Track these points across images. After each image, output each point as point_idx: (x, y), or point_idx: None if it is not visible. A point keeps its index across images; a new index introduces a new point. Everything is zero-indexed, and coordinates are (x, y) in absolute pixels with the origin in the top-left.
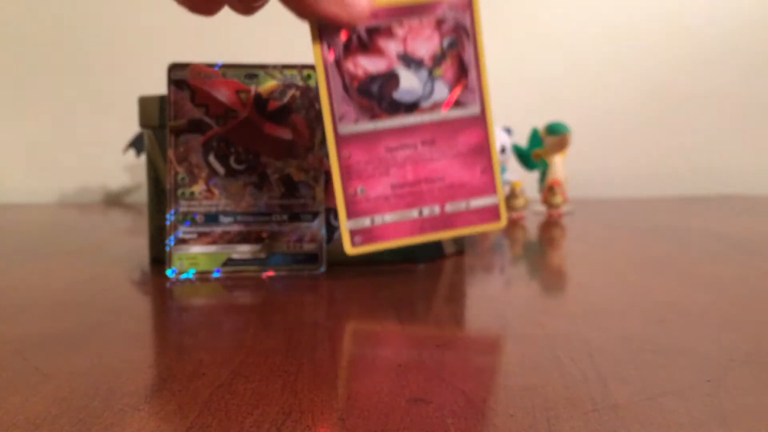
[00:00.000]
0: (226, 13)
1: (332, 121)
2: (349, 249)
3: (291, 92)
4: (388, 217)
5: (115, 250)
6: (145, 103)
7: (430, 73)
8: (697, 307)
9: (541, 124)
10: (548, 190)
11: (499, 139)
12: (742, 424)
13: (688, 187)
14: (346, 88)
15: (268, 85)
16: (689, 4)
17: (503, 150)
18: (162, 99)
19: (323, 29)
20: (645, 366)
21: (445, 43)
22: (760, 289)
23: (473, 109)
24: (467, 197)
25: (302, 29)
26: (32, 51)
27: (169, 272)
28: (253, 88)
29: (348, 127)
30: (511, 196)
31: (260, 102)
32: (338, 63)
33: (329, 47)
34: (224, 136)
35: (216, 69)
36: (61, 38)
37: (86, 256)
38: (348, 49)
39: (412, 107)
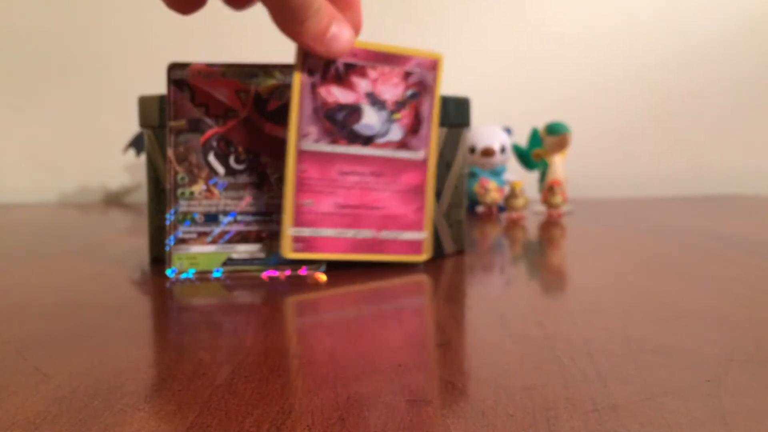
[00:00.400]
0: (227, 13)
1: (296, 137)
2: (288, 253)
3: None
4: (329, 232)
5: (115, 250)
6: (145, 103)
7: (390, 115)
8: (697, 307)
9: (541, 124)
10: (548, 190)
11: (499, 138)
12: (742, 424)
13: (688, 187)
14: (315, 111)
15: (268, 84)
16: (689, 4)
17: (503, 150)
18: (162, 99)
19: (307, 54)
20: (645, 366)
21: (408, 93)
22: (760, 289)
23: (419, 155)
24: (399, 229)
25: None
26: (32, 51)
27: (168, 272)
28: (252, 88)
29: (309, 145)
30: (511, 196)
31: (260, 102)
32: (314, 87)
33: (309, 71)
34: (224, 136)
35: (216, 69)
36: (61, 38)
37: (86, 256)
38: (324, 78)
39: (368, 140)
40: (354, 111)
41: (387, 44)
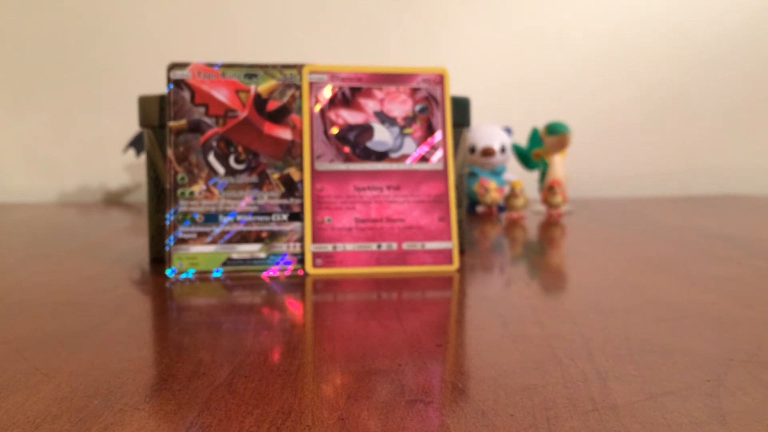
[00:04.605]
0: (226, 12)
1: (311, 158)
2: (310, 269)
3: (290, 92)
4: (350, 246)
5: (115, 250)
6: (145, 102)
7: (402, 130)
8: (697, 307)
9: (541, 124)
10: (548, 189)
11: (499, 138)
12: (742, 424)
13: (688, 187)
14: (326, 133)
15: (267, 84)
16: (690, 4)
17: (503, 150)
18: (162, 99)
19: (314, 84)
20: (645, 366)
21: (417, 108)
22: (760, 288)
23: (437, 165)
24: (423, 239)
25: (302, 29)
26: (33, 51)
27: (168, 272)
28: (252, 88)
29: (324, 165)
30: (511, 196)
31: (260, 102)
32: (323, 112)
33: (317, 99)
34: (224, 136)
35: (216, 69)
36: (62, 38)
37: (86, 256)
38: (333, 103)
39: (382, 156)
40: (365, 130)
41: (390, 66)
